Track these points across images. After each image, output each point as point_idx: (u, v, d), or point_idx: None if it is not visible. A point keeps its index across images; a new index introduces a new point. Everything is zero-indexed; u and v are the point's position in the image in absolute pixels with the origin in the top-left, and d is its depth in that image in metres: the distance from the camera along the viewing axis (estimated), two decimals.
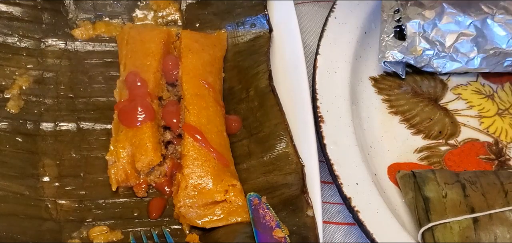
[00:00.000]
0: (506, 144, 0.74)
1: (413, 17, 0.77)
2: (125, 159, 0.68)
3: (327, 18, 0.80)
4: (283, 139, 0.69)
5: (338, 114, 0.71)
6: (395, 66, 0.78)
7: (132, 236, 0.64)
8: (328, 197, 0.71)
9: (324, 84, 0.73)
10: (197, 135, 0.68)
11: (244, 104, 0.75)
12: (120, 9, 0.83)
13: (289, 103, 0.72)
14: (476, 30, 0.77)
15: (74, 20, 0.81)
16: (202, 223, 0.65)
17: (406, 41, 0.77)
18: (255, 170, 0.69)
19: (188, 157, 0.66)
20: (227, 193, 0.65)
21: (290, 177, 0.66)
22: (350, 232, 0.69)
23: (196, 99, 0.71)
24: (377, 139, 0.74)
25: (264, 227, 0.62)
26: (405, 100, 0.78)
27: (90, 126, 0.73)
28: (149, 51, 0.75)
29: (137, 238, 0.64)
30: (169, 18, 0.83)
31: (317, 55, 0.76)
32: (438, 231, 0.62)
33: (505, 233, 0.62)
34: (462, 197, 0.64)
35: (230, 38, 0.81)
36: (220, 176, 0.66)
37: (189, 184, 0.65)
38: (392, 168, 0.72)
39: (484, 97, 0.79)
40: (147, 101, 0.70)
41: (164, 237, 0.65)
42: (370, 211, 0.64)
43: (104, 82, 0.77)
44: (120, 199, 0.68)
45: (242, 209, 0.65)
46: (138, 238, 0.64)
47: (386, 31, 0.78)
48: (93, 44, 0.80)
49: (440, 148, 0.74)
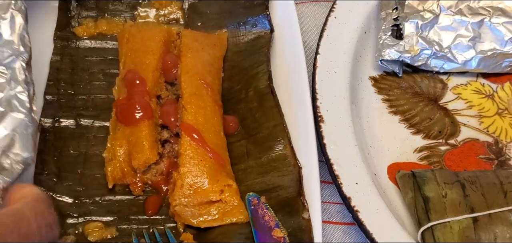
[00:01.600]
0: (506, 143, 0.74)
1: (411, 16, 0.78)
2: (122, 157, 0.68)
3: (327, 18, 0.80)
4: (281, 141, 0.69)
5: (338, 114, 0.71)
6: (392, 65, 0.78)
7: (135, 236, 0.64)
8: (328, 196, 0.71)
9: (324, 84, 0.73)
10: (194, 134, 0.67)
11: (243, 104, 0.75)
12: (122, 7, 0.83)
13: (289, 103, 0.72)
14: (474, 31, 0.77)
15: (76, 18, 0.81)
16: (197, 223, 0.64)
17: (404, 40, 0.77)
18: (252, 170, 0.69)
19: (184, 156, 0.66)
20: (222, 193, 0.65)
21: (287, 179, 0.66)
22: (350, 232, 0.69)
23: (194, 98, 0.70)
24: (377, 138, 0.74)
25: (263, 227, 0.62)
26: (405, 100, 0.78)
27: (89, 123, 0.73)
28: (148, 49, 0.75)
29: (139, 236, 0.64)
30: (171, 17, 0.83)
31: (317, 55, 0.76)
32: (438, 230, 0.62)
33: (505, 233, 0.62)
34: (462, 196, 0.64)
35: (231, 37, 0.81)
36: (216, 175, 0.65)
37: (185, 183, 0.65)
38: (392, 168, 0.71)
39: (484, 97, 0.79)
40: (145, 100, 0.70)
41: (165, 236, 0.64)
42: (370, 210, 0.64)
43: (104, 79, 0.77)
44: (116, 197, 0.68)
45: (237, 209, 0.65)
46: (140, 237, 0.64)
47: (384, 29, 0.78)
48: (95, 41, 0.80)
49: (440, 147, 0.74)
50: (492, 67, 0.79)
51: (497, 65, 0.78)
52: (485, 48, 0.77)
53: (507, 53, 0.77)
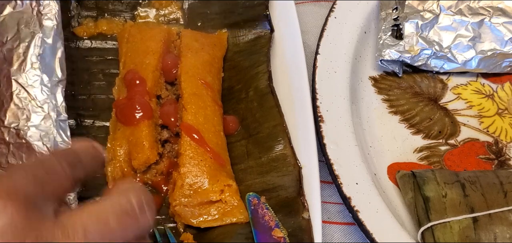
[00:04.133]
0: (506, 143, 0.74)
1: (411, 16, 0.78)
2: (121, 157, 0.68)
3: (327, 18, 0.80)
4: (281, 141, 0.69)
5: (338, 114, 0.71)
6: (392, 65, 0.78)
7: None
8: (328, 196, 0.71)
9: (324, 84, 0.73)
10: (194, 134, 0.67)
11: (243, 104, 0.75)
12: (122, 7, 0.83)
13: (289, 103, 0.72)
14: (474, 31, 0.77)
15: (76, 18, 0.81)
16: (197, 223, 0.64)
17: (404, 40, 0.77)
18: (252, 170, 0.69)
19: (184, 156, 0.66)
20: (222, 193, 0.65)
21: (287, 179, 0.66)
22: (350, 232, 0.69)
23: (194, 98, 0.70)
24: (377, 138, 0.74)
25: (263, 227, 0.62)
26: (405, 100, 0.78)
27: (89, 123, 0.73)
28: (148, 49, 0.75)
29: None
30: (171, 17, 0.83)
31: (317, 55, 0.76)
32: (438, 230, 0.62)
33: (505, 233, 0.62)
34: (462, 196, 0.64)
35: (231, 37, 0.81)
36: (216, 175, 0.65)
37: (185, 183, 0.65)
38: (392, 168, 0.71)
39: (484, 97, 0.79)
40: (145, 100, 0.70)
41: (165, 236, 0.64)
42: (370, 210, 0.64)
43: (104, 79, 0.77)
44: None
45: (237, 209, 0.64)
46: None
47: (384, 29, 0.78)
48: (95, 41, 0.80)
49: (440, 147, 0.74)
50: (492, 67, 0.79)
51: (497, 65, 0.78)
52: (485, 48, 0.77)
53: (507, 53, 0.77)
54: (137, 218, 0.41)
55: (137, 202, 0.41)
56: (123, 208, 0.40)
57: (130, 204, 0.41)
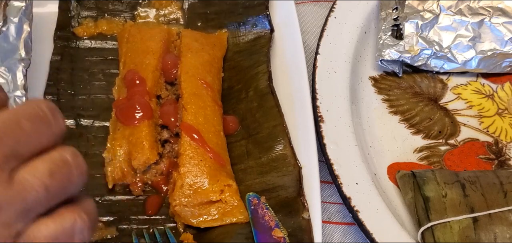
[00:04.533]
0: (506, 143, 0.74)
1: (411, 16, 0.78)
2: (121, 157, 0.68)
3: (327, 18, 0.80)
4: (281, 141, 0.69)
5: (338, 114, 0.71)
6: (392, 65, 0.78)
7: (135, 236, 0.64)
8: (328, 197, 0.71)
9: (324, 84, 0.73)
10: (194, 134, 0.67)
11: (243, 104, 0.75)
12: (122, 7, 0.83)
13: (289, 103, 0.72)
14: (474, 31, 0.77)
15: (76, 18, 0.81)
16: (196, 223, 0.64)
17: (404, 40, 0.77)
18: (252, 170, 0.69)
19: (184, 156, 0.66)
20: (222, 193, 0.65)
21: (287, 179, 0.66)
22: (350, 232, 0.69)
23: (194, 98, 0.70)
24: (377, 138, 0.74)
25: (263, 227, 0.62)
26: (405, 100, 0.78)
27: (89, 123, 0.73)
28: (148, 49, 0.75)
29: (139, 236, 0.64)
30: (171, 17, 0.83)
31: (317, 55, 0.76)
32: (438, 230, 0.62)
33: (505, 233, 0.62)
34: (462, 196, 0.64)
35: (232, 38, 0.81)
36: (216, 175, 0.65)
37: (185, 183, 0.65)
38: (391, 168, 0.71)
39: (484, 97, 0.79)
40: (144, 100, 0.70)
41: (165, 236, 0.64)
42: (370, 210, 0.64)
43: (104, 79, 0.77)
44: (116, 197, 0.68)
45: (237, 209, 0.64)
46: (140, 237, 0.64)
47: (384, 29, 0.78)
48: (95, 41, 0.80)
49: (440, 147, 0.74)
50: (492, 67, 0.79)
51: (497, 65, 0.78)
52: (485, 48, 0.77)
53: (507, 53, 0.77)
54: (50, 122, 0.40)
55: (47, 106, 0.41)
56: (35, 112, 0.40)
57: (41, 109, 0.40)
